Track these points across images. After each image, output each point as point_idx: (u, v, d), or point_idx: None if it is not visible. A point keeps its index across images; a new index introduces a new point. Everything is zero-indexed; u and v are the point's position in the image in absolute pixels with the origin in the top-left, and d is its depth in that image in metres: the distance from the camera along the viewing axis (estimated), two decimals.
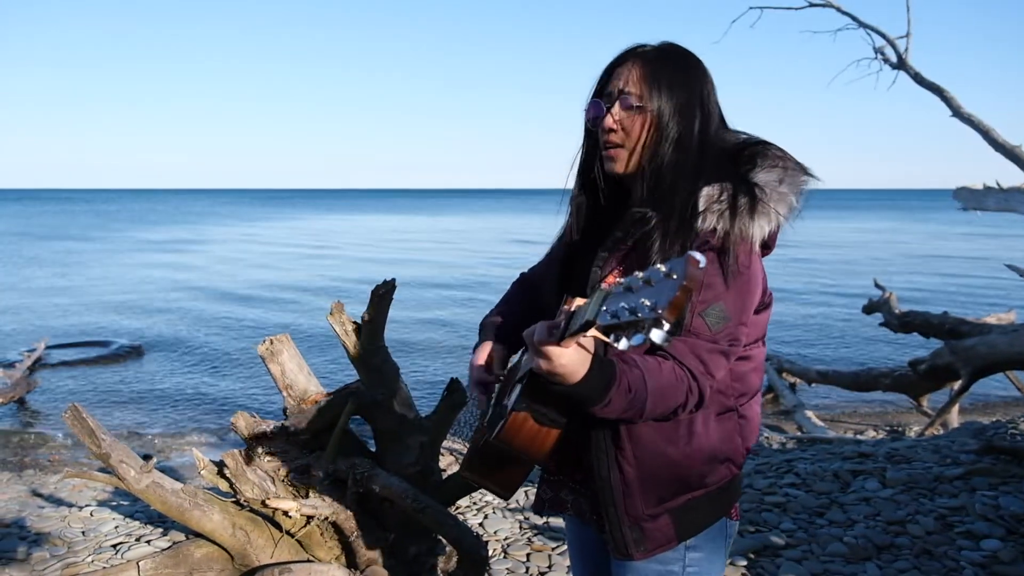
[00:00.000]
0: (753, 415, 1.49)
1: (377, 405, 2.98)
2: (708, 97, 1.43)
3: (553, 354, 1.13)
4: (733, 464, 1.47)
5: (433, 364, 11.16)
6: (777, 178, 1.35)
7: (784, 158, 1.38)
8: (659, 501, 1.42)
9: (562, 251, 1.57)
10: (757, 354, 1.47)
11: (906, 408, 8.55)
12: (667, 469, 1.40)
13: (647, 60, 1.42)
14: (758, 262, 1.39)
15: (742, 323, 1.35)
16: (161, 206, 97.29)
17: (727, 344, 1.33)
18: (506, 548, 3.58)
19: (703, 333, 1.31)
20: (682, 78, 1.41)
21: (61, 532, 3.88)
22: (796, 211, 1.36)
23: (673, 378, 1.29)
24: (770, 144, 1.41)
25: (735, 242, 1.31)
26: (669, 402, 1.29)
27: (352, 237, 40.42)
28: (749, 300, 1.36)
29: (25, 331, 13.47)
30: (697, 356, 1.31)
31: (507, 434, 1.35)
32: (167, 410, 9.01)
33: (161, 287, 19.47)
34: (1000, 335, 6.32)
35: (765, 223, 1.32)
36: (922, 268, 23.82)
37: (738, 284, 1.32)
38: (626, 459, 1.40)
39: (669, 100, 1.39)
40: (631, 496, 1.41)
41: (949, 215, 54.46)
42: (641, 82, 1.39)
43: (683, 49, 1.46)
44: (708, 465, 1.42)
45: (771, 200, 1.32)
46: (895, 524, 3.58)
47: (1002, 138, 6.74)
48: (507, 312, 1.65)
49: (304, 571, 2.70)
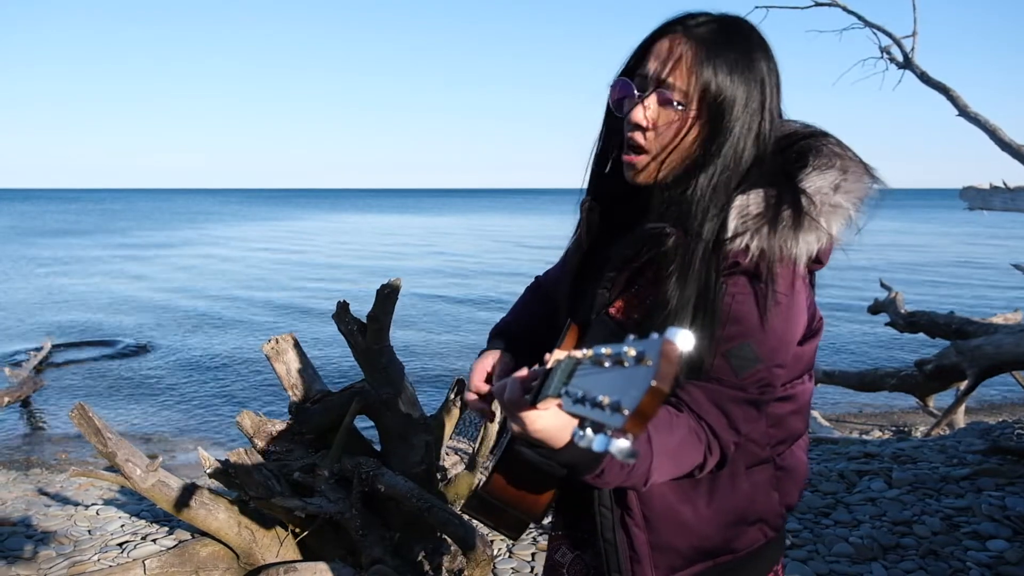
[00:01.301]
0: (795, 465, 1.23)
1: (382, 404, 2.98)
2: (773, 94, 1.11)
3: (527, 419, 0.93)
4: (768, 526, 1.21)
5: (438, 363, 11.17)
6: (832, 183, 1.07)
7: (843, 156, 1.11)
8: (671, 570, 1.19)
9: (574, 262, 1.31)
10: (801, 392, 1.20)
11: (912, 409, 8.52)
12: (683, 534, 1.17)
13: (701, 42, 1.07)
14: (803, 288, 1.11)
15: (778, 365, 1.08)
16: (170, 205, 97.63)
17: (757, 392, 1.07)
18: (511, 548, 3.58)
19: (727, 378, 1.06)
20: (746, 70, 1.08)
21: (67, 530, 3.89)
22: (854, 223, 1.09)
23: (689, 435, 1.06)
24: (827, 136, 1.14)
25: (772, 264, 1.04)
26: (683, 464, 1.07)
27: (360, 236, 40.48)
28: (788, 336, 1.09)
29: (31, 330, 13.52)
30: (719, 407, 1.07)
31: (493, 489, 1.22)
32: (173, 409, 9.04)
33: (168, 286, 19.53)
34: (1007, 335, 6.30)
35: (813, 240, 1.05)
36: (928, 268, 23.75)
37: (775, 317, 1.05)
38: (634, 520, 1.17)
39: (724, 104, 1.07)
40: (640, 563, 1.18)
41: (955, 215, 54.33)
42: (689, 74, 1.07)
43: (748, 26, 1.12)
44: (734, 528, 1.18)
45: (822, 213, 1.06)
46: (901, 524, 3.56)
47: (1008, 137, 6.71)
48: (518, 321, 1.45)
49: (309, 570, 2.70)
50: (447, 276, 21.65)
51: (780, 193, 1.06)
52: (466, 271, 23.14)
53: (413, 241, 37.33)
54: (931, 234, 42.18)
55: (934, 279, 20.77)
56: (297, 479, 2.88)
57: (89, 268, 23.98)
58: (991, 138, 6.87)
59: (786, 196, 1.05)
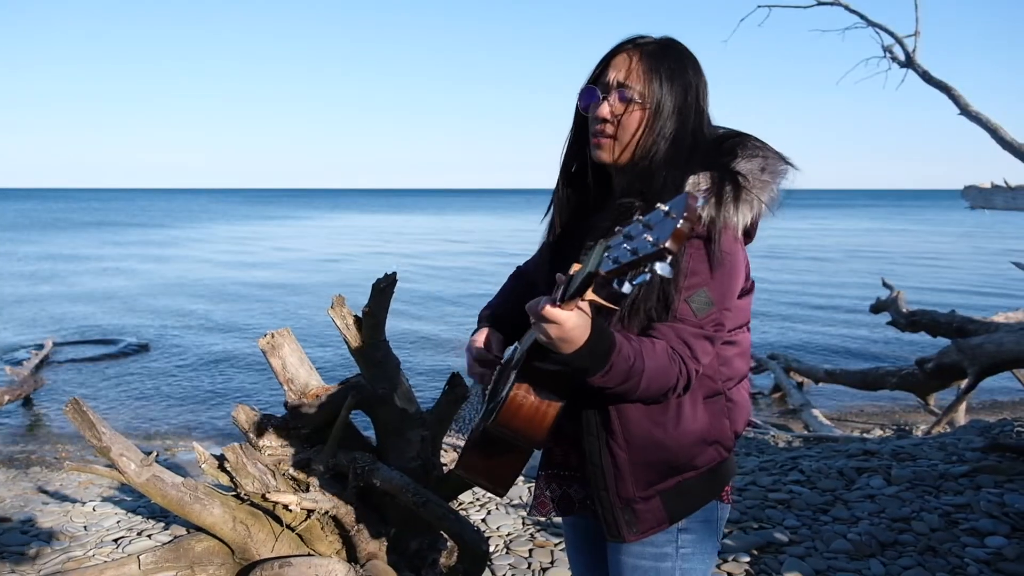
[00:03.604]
0: (741, 399, 1.51)
1: (378, 399, 2.97)
2: (702, 96, 1.46)
3: (559, 317, 1.13)
4: (722, 447, 1.48)
5: (434, 358, 11.17)
6: (759, 167, 1.37)
7: (764, 148, 1.41)
8: (649, 484, 1.44)
9: (548, 250, 1.58)
10: (742, 339, 1.50)
11: (913, 407, 8.51)
12: (656, 452, 1.42)
13: (648, 54, 1.42)
14: (741, 249, 1.41)
15: (726, 308, 1.38)
16: (169, 205, 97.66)
17: (712, 329, 1.36)
18: (509, 544, 3.57)
19: (689, 318, 1.34)
20: (681, 75, 1.42)
21: (63, 527, 3.89)
22: (777, 200, 1.39)
23: (667, 359, 1.31)
24: (749, 135, 1.44)
25: (720, 230, 1.32)
26: (662, 382, 1.31)
27: (357, 235, 40.48)
28: (733, 286, 1.39)
29: (32, 329, 13.54)
30: (684, 341, 1.33)
31: (506, 414, 1.34)
32: (173, 407, 9.04)
33: (169, 285, 19.55)
34: (1007, 334, 6.29)
35: (748, 211, 1.34)
36: (929, 267, 23.72)
37: (722, 271, 1.35)
38: (617, 443, 1.42)
39: (669, 97, 1.40)
40: (622, 479, 1.43)
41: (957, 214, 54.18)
42: (642, 76, 1.40)
43: (682, 45, 1.47)
44: (697, 447, 1.44)
45: (754, 188, 1.35)
46: (899, 521, 3.55)
47: (1010, 136, 6.70)
48: (503, 304, 1.68)
49: (305, 565, 2.69)
50: (446, 270, 21.66)
51: (722, 174, 1.35)
52: (465, 266, 23.14)
53: (414, 237, 37.34)
54: (932, 233, 42.11)
55: (936, 278, 20.73)
56: (293, 474, 2.87)
57: (89, 268, 24.00)
58: (993, 137, 6.86)
59: (727, 176, 1.35)
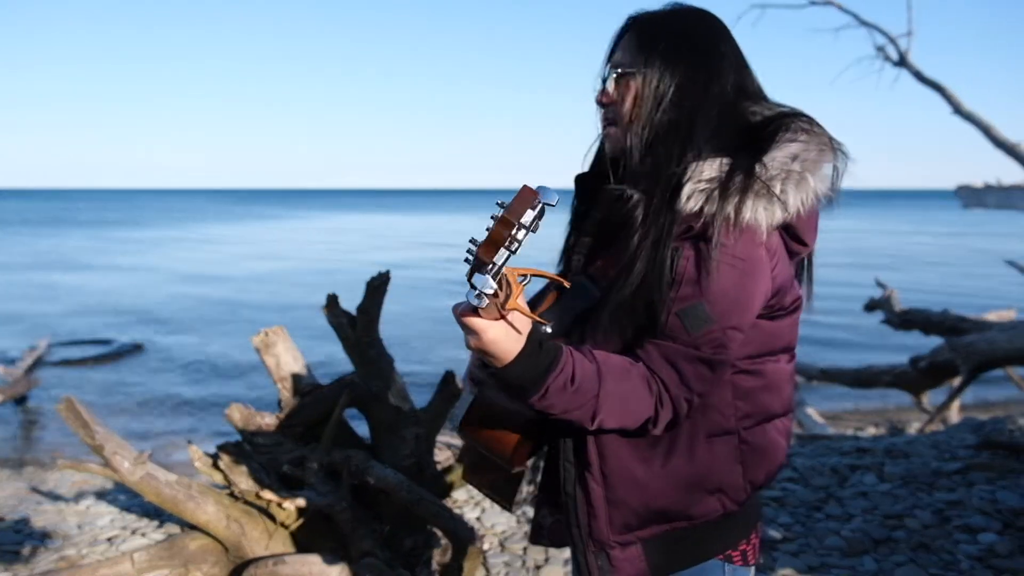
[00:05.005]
0: (763, 443, 1.22)
1: (372, 397, 2.98)
2: (719, 58, 1.20)
3: (477, 327, 1.00)
4: (727, 498, 1.21)
5: (428, 357, 11.16)
6: (791, 154, 1.11)
7: (809, 132, 1.14)
8: (627, 528, 1.21)
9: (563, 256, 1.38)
10: (771, 370, 1.21)
11: (907, 405, 8.53)
12: (637, 492, 1.19)
13: (641, 24, 1.23)
14: (763, 255, 1.12)
15: (732, 327, 1.11)
16: (168, 205, 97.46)
17: (710, 351, 1.10)
18: (503, 542, 3.57)
19: (680, 336, 1.10)
20: (680, 38, 1.20)
21: (56, 526, 3.88)
22: (818, 194, 1.13)
23: (641, 384, 1.10)
24: (799, 115, 1.17)
25: (725, 228, 1.08)
26: (632, 410, 1.10)
27: (352, 235, 40.46)
28: (744, 299, 1.11)
29: (27, 329, 13.49)
30: (671, 363, 1.11)
31: (467, 426, 1.25)
32: (167, 405, 9.02)
33: (163, 285, 19.49)
34: (1000, 332, 6.32)
35: (763, 207, 1.09)
36: (923, 266, 23.79)
37: (727, 279, 1.08)
38: (592, 475, 1.20)
39: (664, 63, 1.18)
40: (595, 517, 1.21)
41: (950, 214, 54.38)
42: (634, 49, 1.21)
43: (689, 8, 1.25)
44: (688, 493, 1.19)
45: (776, 179, 1.09)
46: (892, 518, 3.57)
47: (1002, 135, 6.73)
48: None
49: (299, 563, 2.70)
50: (441, 269, 21.64)
51: (736, 161, 1.11)
52: (460, 265, 23.08)
53: (410, 236, 37.32)
54: (926, 232, 42.26)
55: (929, 277, 20.80)
56: (287, 472, 2.88)
57: (88, 266, 23.94)
58: (985, 136, 6.90)
59: (741, 163, 1.11)
